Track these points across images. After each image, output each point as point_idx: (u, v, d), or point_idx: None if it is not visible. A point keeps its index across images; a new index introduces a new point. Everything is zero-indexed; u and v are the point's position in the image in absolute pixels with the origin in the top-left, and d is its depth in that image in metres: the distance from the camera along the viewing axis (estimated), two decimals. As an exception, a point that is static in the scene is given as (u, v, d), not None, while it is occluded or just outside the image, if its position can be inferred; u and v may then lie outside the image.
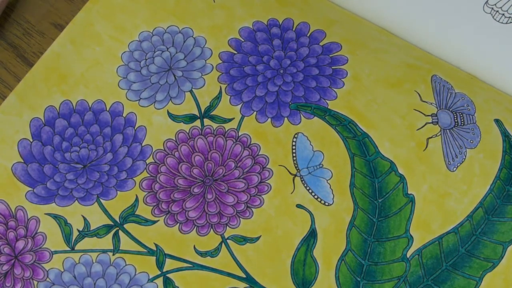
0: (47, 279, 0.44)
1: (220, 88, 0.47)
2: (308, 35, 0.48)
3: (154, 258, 0.44)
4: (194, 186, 0.45)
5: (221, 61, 0.48)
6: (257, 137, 0.46)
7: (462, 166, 0.45)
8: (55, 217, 0.45)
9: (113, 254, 0.44)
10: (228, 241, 0.44)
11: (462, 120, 0.46)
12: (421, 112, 0.47)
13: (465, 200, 0.45)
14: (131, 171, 0.46)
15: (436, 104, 0.47)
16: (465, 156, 0.46)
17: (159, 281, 0.44)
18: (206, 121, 0.47)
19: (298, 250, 0.44)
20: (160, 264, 0.44)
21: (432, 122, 0.46)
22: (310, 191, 0.45)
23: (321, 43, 0.48)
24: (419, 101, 0.47)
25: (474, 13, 0.47)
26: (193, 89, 0.47)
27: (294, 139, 0.46)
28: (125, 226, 0.45)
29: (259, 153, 0.46)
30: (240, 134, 0.46)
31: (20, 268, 0.44)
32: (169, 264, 0.44)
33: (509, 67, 0.47)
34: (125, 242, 0.44)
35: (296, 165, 0.46)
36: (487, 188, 0.45)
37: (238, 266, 0.44)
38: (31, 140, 0.46)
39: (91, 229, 0.45)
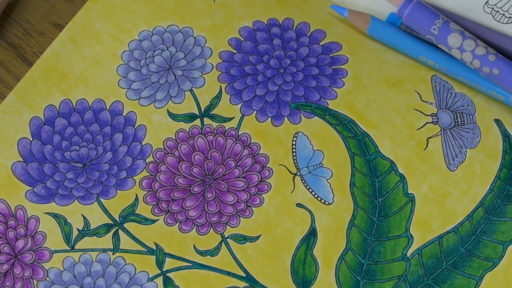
0: (47, 279, 0.44)
1: (220, 87, 0.47)
2: (308, 34, 0.48)
3: (154, 257, 0.44)
4: (194, 185, 0.45)
5: (221, 61, 0.48)
6: (257, 136, 0.46)
7: (462, 166, 0.45)
8: (55, 216, 0.45)
9: (113, 253, 0.44)
10: (228, 240, 0.44)
11: (462, 120, 0.46)
12: (421, 112, 0.47)
13: (465, 199, 0.45)
14: (131, 170, 0.45)
15: (436, 104, 0.47)
16: (465, 156, 0.46)
17: (159, 280, 0.44)
18: (206, 120, 0.47)
19: (298, 249, 0.44)
20: (160, 263, 0.44)
21: (432, 122, 0.46)
22: (310, 190, 0.45)
23: (321, 43, 0.48)
24: (419, 101, 0.47)
25: (474, 13, 0.47)
26: (193, 88, 0.47)
27: (294, 138, 0.46)
28: (125, 225, 0.45)
29: (259, 152, 0.46)
30: (240, 133, 0.46)
31: (19, 267, 0.44)
32: (169, 263, 0.44)
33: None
34: (125, 241, 0.44)
35: (296, 164, 0.46)
36: (487, 187, 0.45)
37: (238, 265, 0.44)
38: (31, 139, 0.46)
39: (91, 228, 0.45)
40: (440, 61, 0.47)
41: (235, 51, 0.48)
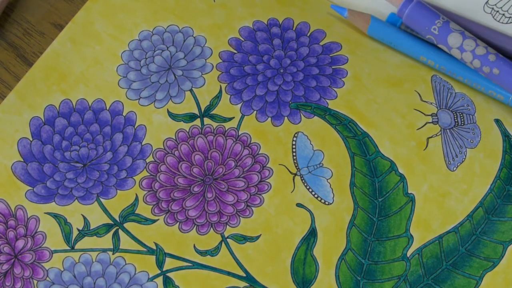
0: (47, 279, 0.44)
1: (220, 87, 0.47)
2: (308, 34, 0.48)
3: (154, 257, 0.44)
4: (194, 185, 0.45)
5: (221, 60, 0.48)
6: (257, 136, 0.46)
7: (462, 166, 0.45)
8: (55, 216, 0.45)
9: (113, 253, 0.44)
10: (228, 240, 0.44)
11: (462, 120, 0.46)
12: (421, 112, 0.47)
13: (465, 199, 0.45)
14: (131, 170, 0.45)
15: (436, 104, 0.47)
16: (465, 156, 0.46)
17: (159, 280, 0.44)
18: (206, 120, 0.47)
19: (298, 249, 0.44)
20: (160, 263, 0.44)
21: (432, 122, 0.46)
22: (310, 190, 0.45)
23: (321, 43, 0.48)
24: (419, 100, 0.47)
25: (474, 13, 0.47)
26: (193, 88, 0.47)
27: (294, 138, 0.46)
28: (125, 225, 0.45)
29: (259, 152, 0.46)
30: (240, 133, 0.46)
31: (19, 267, 0.44)
32: (169, 263, 0.44)
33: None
34: (125, 241, 0.44)
35: (296, 164, 0.46)
36: (487, 187, 0.45)
37: (238, 265, 0.44)
38: (31, 139, 0.46)
39: (91, 228, 0.45)
40: (440, 61, 0.47)
41: (235, 51, 0.48)
